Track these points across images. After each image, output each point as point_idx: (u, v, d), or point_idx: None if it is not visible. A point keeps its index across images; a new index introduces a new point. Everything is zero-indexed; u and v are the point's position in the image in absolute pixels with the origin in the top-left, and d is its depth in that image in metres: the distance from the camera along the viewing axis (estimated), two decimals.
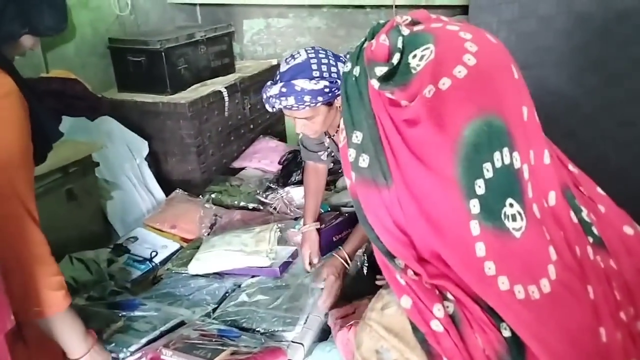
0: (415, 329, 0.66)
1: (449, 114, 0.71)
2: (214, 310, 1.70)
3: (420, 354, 0.65)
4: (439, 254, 0.64)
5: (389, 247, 0.66)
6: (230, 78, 2.85)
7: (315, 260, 1.87)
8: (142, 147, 2.44)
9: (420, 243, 0.65)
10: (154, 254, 1.98)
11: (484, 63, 0.78)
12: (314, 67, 1.53)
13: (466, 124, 0.70)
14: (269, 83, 1.59)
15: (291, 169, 2.54)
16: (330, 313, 1.61)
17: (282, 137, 3.15)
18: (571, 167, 1.02)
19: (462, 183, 0.62)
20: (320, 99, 1.52)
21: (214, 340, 1.50)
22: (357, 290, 1.69)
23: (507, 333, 0.62)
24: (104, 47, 2.65)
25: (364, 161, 0.70)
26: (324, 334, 1.63)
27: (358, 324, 1.39)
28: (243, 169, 2.76)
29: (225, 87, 2.71)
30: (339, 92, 1.57)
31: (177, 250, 2.05)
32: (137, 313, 1.60)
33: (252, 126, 3.00)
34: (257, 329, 1.59)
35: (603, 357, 0.81)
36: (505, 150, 0.71)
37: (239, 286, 1.82)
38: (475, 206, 0.62)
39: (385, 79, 0.80)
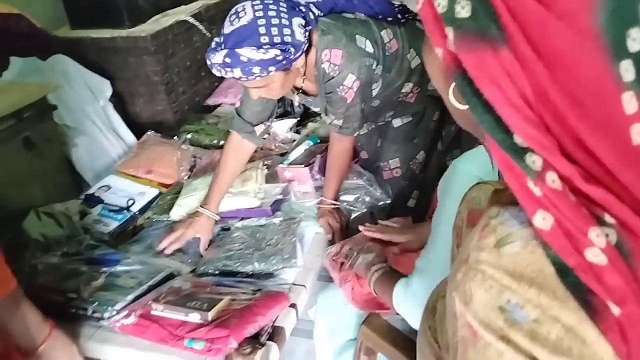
0: (562, 270, 0.44)
1: None
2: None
3: (574, 308, 0.43)
4: (586, 146, 0.43)
5: (520, 134, 0.44)
6: (193, 6, 2.58)
7: (201, 249, 1.59)
8: (105, 87, 2.20)
9: (558, 127, 0.44)
10: (130, 202, 1.80)
11: None
12: (262, 30, 1.28)
13: None
14: (213, 44, 1.34)
15: None
16: (326, 254, 1.48)
17: None
18: None
19: (608, 36, 0.41)
20: (272, 68, 1.29)
21: (208, 290, 1.36)
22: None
23: None
24: None
25: (465, 8, 0.45)
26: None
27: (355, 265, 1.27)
28: (219, 105, 2.55)
29: (191, 15, 2.45)
30: (296, 57, 1.34)
31: (156, 197, 1.86)
32: (119, 268, 1.43)
33: None
34: (254, 272, 1.46)
35: None
36: None
37: (228, 229, 1.68)
38: (628, 70, 0.40)
39: None
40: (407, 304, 1.07)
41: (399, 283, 1.10)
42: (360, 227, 1.50)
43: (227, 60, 1.28)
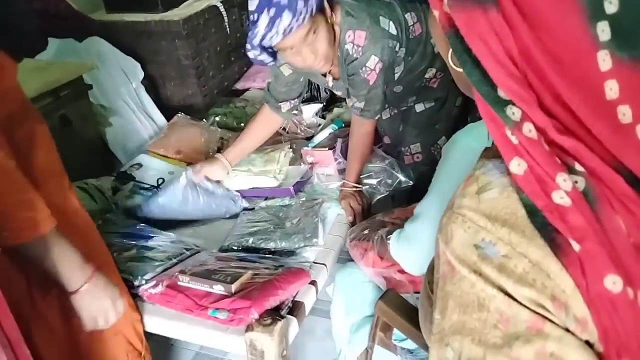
0: (532, 211, 0.48)
1: None
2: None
3: (540, 245, 0.47)
4: (564, 101, 0.47)
5: (502, 87, 0.48)
6: None
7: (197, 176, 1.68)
8: (137, 70, 2.26)
9: (539, 83, 0.47)
10: (160, 180, 1.86)
11: None
12: None
13: None
14: (249, 32, 1.36)
15: None
16: (348, 234, 1.52)
17: None
18: None
19: None
20: (311, 1, 1.31)
21: (232, 264, 1.42)
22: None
23: None
24: None
25: None
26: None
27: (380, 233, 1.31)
28: (247, 90, 2.60)
29: (221, 1, 2.50)
30: None
31: None
32: (151, 243, 1.50)
33: None
34: (276, 249, 1.52)
35: None
36: None
37: (252, 209, 1.73)
38: (604, 31, 0.44)
39: None
40: (400, 248, 1.16)
41: (393, 234, 1.18)
42: (385, 218, 1.53)
43: (272, 13, 1.27)
